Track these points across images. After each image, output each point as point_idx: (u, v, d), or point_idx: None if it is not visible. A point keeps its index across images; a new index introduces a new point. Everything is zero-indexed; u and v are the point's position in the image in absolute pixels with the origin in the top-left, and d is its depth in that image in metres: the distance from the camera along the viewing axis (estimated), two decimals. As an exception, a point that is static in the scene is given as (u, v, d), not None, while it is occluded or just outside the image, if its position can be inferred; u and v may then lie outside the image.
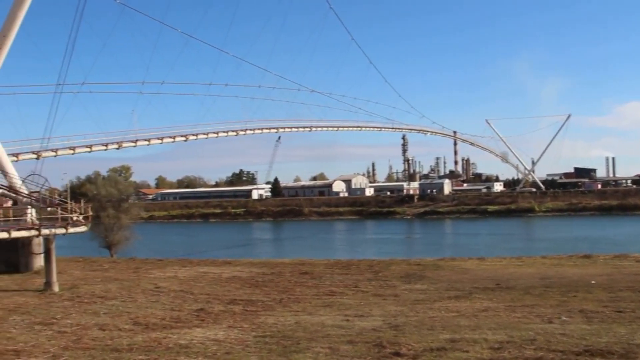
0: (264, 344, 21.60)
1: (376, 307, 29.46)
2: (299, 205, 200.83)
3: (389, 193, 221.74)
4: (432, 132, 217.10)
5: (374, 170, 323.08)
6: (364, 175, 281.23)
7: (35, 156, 61.20)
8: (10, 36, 55.06)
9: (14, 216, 47.08)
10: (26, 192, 51.40)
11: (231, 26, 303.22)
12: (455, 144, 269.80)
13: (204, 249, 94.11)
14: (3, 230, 41.13)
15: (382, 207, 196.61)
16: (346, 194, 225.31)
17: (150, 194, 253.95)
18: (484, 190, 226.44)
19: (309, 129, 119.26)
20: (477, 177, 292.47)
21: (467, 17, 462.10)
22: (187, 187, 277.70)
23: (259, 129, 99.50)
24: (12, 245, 46.73)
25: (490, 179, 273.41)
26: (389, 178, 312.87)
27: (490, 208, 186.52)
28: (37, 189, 49.78)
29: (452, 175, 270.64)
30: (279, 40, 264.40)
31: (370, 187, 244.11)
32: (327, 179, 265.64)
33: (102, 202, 67.93)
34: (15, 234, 41.35)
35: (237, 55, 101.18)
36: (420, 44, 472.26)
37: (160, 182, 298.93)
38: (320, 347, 20.37)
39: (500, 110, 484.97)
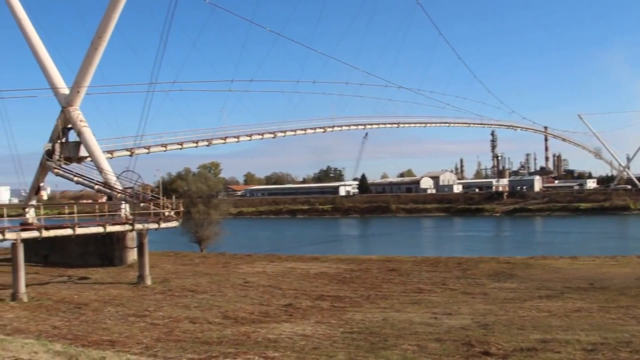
0: (351, 340, 21.62)
1: (465, 305, 29.10)
2: (386, 202, 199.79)
3: (477, 190, 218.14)
4: (522, 127, 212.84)
5: (462, 166, 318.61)
6: (452, 171, 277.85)
7: (128, 153, 62.88)
8: (105, 37, 56.75)
9: (109, 211, 48.53)
10: (120, 188, 52.89)
11: (319, 23, 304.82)
12: (546, 139, 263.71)
13: (292, 244, 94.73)
14: (99, 225, 42.47)
15: (470, 204, 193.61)
16: (434, 191, 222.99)
17: (239, 190, 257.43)
18: (576, 188, 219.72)
19: (396, 126, 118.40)
20: (569, 174, 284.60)
21: (557, 15, 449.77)
22: (274, 183, 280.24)
23: (346, 125, 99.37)
24: (107, 240, 48.26)
25: (582, 176, 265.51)
26: (478, 175, 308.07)
27: (583, 206, 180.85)
28: (131, 185, 51.21)
29: (542, 171, 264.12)
30: (367, 37, 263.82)
31: (459, 183, 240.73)
32: (415, 176, 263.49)
33: (193, 198, 69.23)
34: (110, 228, 42.65)
35: (324, 52, 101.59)
36: (508, 41, 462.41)
37: (249, 179, 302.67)
38: (408, 344, 20.26)
39: (593, 106, 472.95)
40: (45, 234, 38.90)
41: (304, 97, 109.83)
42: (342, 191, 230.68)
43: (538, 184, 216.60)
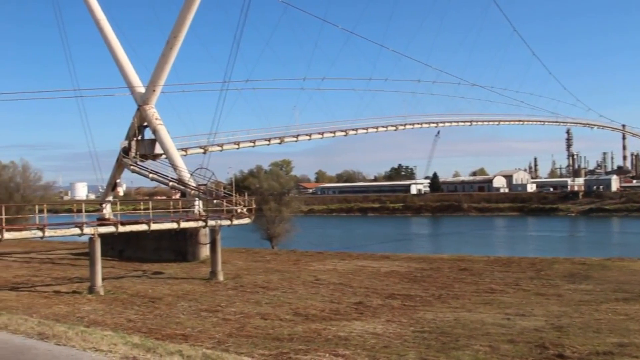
0: (422, 339, 21.50)
1: (538, 306, 28.59)
2: (458, 201, 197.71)
3: (551, 189, 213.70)
4: (599, 125, 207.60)
5: (535, 165, 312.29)
6: (525, 170, 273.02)
7: (202, 151, 63.84)
8: (180, 37, 57.75)
9: (182, 208, 49.36)
10: (194, 185, 53.73)
11: (391, 21, 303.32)
12: (623, 138, 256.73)
13: (362, 242, 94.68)
14: (173, 221, 43.23)
15: (544, 203, 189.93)
16: (507, 190, 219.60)
17: (310, 188, 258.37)
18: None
19: (469, 124, 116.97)
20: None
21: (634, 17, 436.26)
22: (346, 181, 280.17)
23: (418, 123, 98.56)
24: (180, 235, 49.09)
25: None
26: (552, 174, 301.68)
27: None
28: (204, 182, 51.97)
29: (620, 171, 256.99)
30: (440, 34, 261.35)
31: (532, 182, 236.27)
32: (487, 174, 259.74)
33: (265, 195, 69.85)
34: (184, 224, 43.36)
35: (397, 50, 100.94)
36: (585, 42, 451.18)
37: (320, 176, 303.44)
38: (480, 345, 20.03)
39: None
40: (122, 229, 39.81)
41: (375, 95, 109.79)
42: (414, 189, 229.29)
43: (615, 184, 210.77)
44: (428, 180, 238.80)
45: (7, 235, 34.89)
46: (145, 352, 7.28)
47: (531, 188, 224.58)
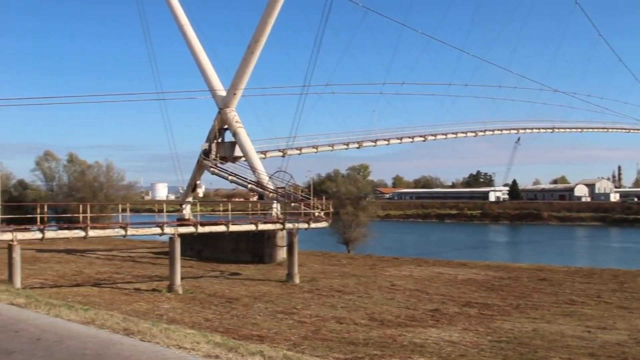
0: (499, 349, 21.17)
1: (621, 320, 27.78)
2: (538, 209, 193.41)
3: (636, 199, 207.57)
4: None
5: (620, 174, 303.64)
6: (608, 179, 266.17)
7: (281, 154, 64.47)
8: (261, 41, 58.44)
9: (260, 210, 49.86)
10: (272, 188, 54.24)
11: (472, 26, 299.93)
12: None
13: (439, 249, 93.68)
14: (251, 223, 43.74)
15: (628, 213, 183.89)
16: (589, 199, 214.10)
17: (387, 193, 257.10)
18: None
19: (550, 130, 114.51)
20: None
21: None
22: (423, 187, 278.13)
23: (498, 129, 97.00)
24: (258, 237, 49.65)
25: None
26: (637, 183, 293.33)
27: None
28: (283, 185, 52.42)
29: None
30: (521, 39, 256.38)
31: (616, 192, 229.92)
32: (569, 183, 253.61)
33: (342, 199, 69.93)
34: (262, 226, 43.82)
35: (477, 55, 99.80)
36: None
37: (397, 182, 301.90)
38: (559, 357, 19.61)
39: None
40: (201, 229, 40.51)
41: (455, 100, 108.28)
42: (492, 197, 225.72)
43: None
44: (507, 188, 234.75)
45: (92, 233, 35.98)
46: (227, 351, 7.40)
47: (614, 197, 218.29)
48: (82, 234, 35.66)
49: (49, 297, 14.32)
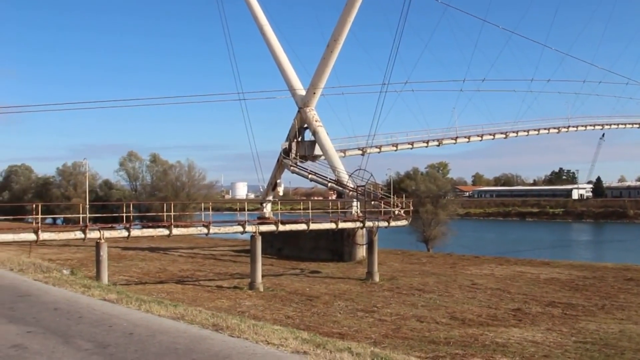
0: (584, 350, 20.74)
1: None
2: (623, 207, 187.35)
3: None
4: None
5: None
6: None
7: (360, 152, 64.56)
8: (340, 40, 58.58)
9: (340, 208, 49.99)
10: (352, 186, 54.30)
11: (554, 20, 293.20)
12: None
13: (520, 248, 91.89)
14: (331, 221, 43.90)
15: None
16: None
17: (467, 191, 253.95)
18: None
19: (637, 126, 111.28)
20: None
21: None
22: (503, 185, 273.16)
23: (582, 125, 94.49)
24: (338, 236, 49.82)
25: None
26: None
27: None
28: (363, 184, 52.42)
29: None
30: (607, 32, 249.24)
31: None
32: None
33: (421, 197, 69.49)
34: (342, 225, 43.93)
35: (560, 49, 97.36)
36: None
37: (477, 179, 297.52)
38: (648, 359, 19.10)
39: None
40: (282, 228, 40.89)
41: (537, 96, 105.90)
42: (575, 194, 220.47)
43: None
44: (591, 185, 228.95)
45: (175, 231, 36.78)
46: (315, 347, 7.49)
47: None
48: (166, 232, 36.48)
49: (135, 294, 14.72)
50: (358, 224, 45.06)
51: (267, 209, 61.54)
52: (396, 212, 47.62)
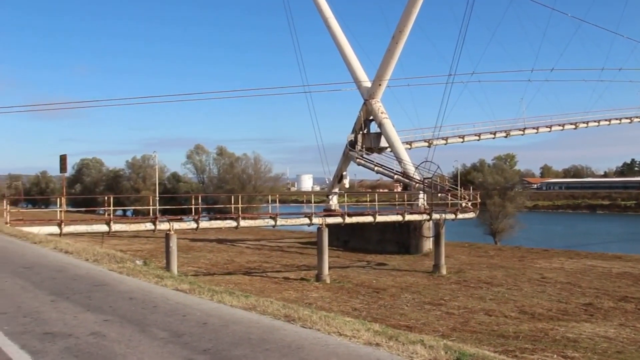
0: (662, 346, 20.27)
1: None
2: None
3: None
4: None
5: None
6: None
7: (426, 144, 64.15)
8: (406, 31, 58.22)
9: (406, 200, 49.79)
10: (419, 178, 54.03)
11: (626, 7, 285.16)
12: None
13: (590, 241, 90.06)
14: (397, 213, 43.79)
15: None
16: None
17: (535, 183, 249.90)
18: None
19: None
20: None
21: None
22: (573, 176, 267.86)
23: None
24: (404, 228, 49.64)
25: None
26: None
27: None
28: (429, 176, 52.12)
29: None
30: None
31: None
32: None
33: (488, 189, 68.63)
34: (408, 217, 43.80)
35: (632, 37, 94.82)
36: None
37: (545, 171, 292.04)
38: None
39: None
40: (348, 220, 41.00)
41: (608, 85, 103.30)
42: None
43: None
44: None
45: (243, 223, 37.23)
46: (387, 339, 7.49)
47: None
48: (234, 224, 36.95)
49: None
50: (425, 217, 44.87)
51: (333, 201, 61.66)
52: (463, 205, 47.23)
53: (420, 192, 52.44)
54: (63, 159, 34.79)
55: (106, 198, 38.23)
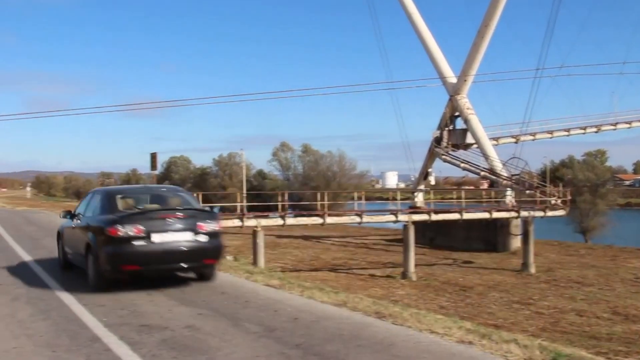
0: None
1: None
2: None
3: None
4: None
5: None
6: None
7: (514, 140, 63.01)
8: (491, 25, 57.30)
9: (493, 198, 49.11)
10: (506, 175, 53.19)
11: None
12: None
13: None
14: (484, 211, 43.23)
15: None
16: None
17: (628, 180, 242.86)
18: None
19: None
20: None
21: None
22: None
23: None
24: (491, 225, 48.92)
25: None
26: None
27: None
28: (517, 172, 51.25)
29: None
30: None
31: None
32: None
33: (579, 186, 66.99)
34: (495, 214, 43.19)
35: None
36: None
37: (639, 168, 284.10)
38: None
39: None
40: (434, 217, 40.76)
41: None
42: None
43: None
44: None
45: (329, 220, 37.47)
46: (480, 337, 7.42)
47: None
48: (320, 221, 37.22)
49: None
50: (513, 214, 44.14)
51: (419, 198, 61.29)
52: (553, 202, 46.26)
53: (508, 189, 51.64)
54: (154, 157, 35.69)
55: (195, 195, 39.03)
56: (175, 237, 12.04)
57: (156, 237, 11.84)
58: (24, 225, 27.50)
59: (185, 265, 12.45)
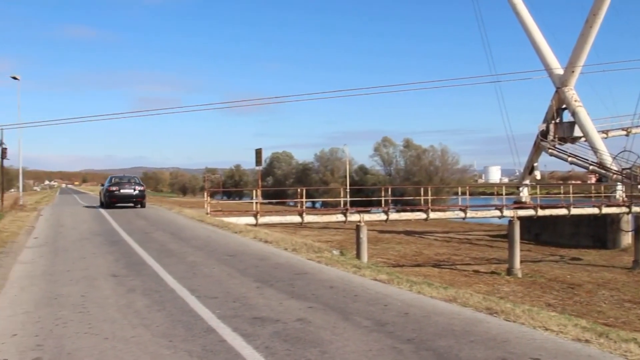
0: None
1: None
2: None
3: None
4: None
5: None
6: None
7: (624, 133, 60.91)
8: (600, 14, 55.49)
9: (602, 193, 47.67)
10: (616, 169, 51.53)
11: None
12: None
13: None
14: (594, 206, 42.03)
15: None
16: None
17: None
18: None
19: None
20: None
21: None
22: None
23: None
24: (600, 221, 47.47)
25: None
26: None
27: None
28: (628, 166, 49.56)
29: None
30: None
31: None
32: None
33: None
34: (605, 210, 41.92)
35: None
36: None
37: None
38: None
39: None
40: (541, 212, 39.92)
41: None
42: None
43: None
44: None
45: (432, 215, 37.24)
46: (597, 336, 7.26)
47: None
48: (423, 216, 37.08)
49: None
50: (623, 209, 42.74)
51: (524, 193, 60.04)
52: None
53: (618, 183, 50.00)
54: (259, 152, 36.21)
55: (299, 190, 39.54)
56: (128, 190, 36.64)
57: (122, 190, 36.53)
58: (134, 219, 28.50)
59: (132, 203, 36.82)
